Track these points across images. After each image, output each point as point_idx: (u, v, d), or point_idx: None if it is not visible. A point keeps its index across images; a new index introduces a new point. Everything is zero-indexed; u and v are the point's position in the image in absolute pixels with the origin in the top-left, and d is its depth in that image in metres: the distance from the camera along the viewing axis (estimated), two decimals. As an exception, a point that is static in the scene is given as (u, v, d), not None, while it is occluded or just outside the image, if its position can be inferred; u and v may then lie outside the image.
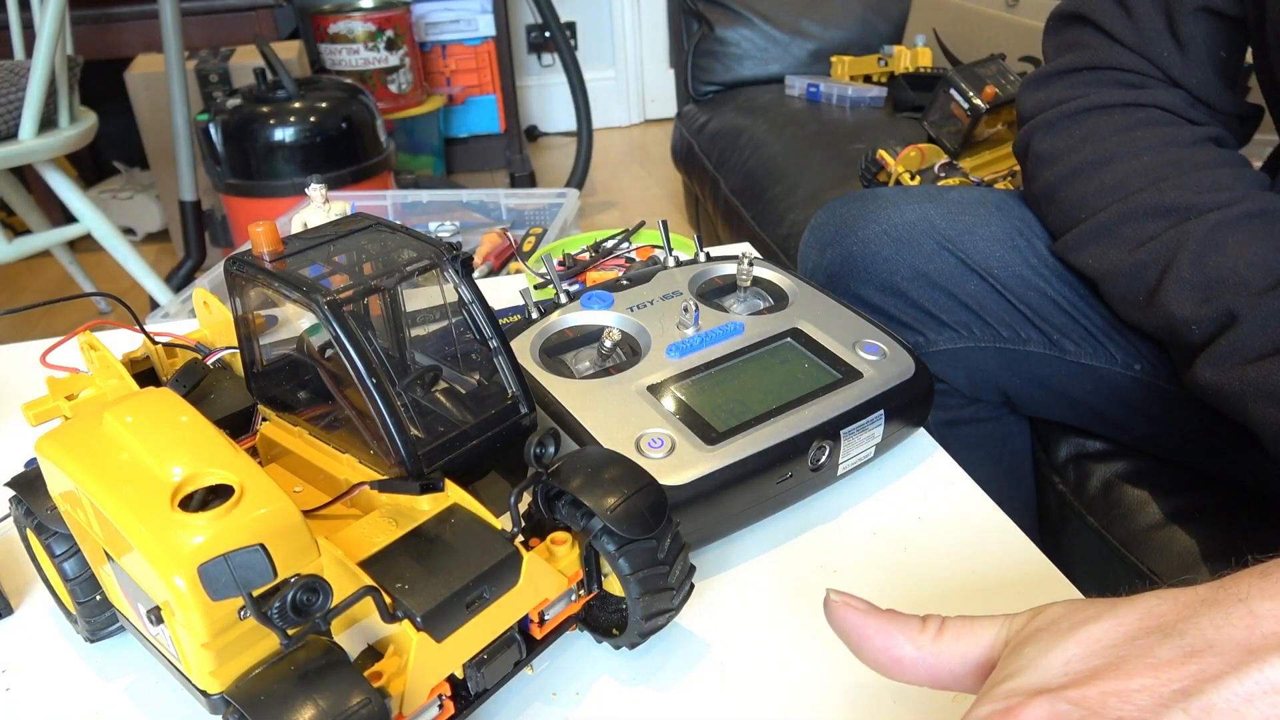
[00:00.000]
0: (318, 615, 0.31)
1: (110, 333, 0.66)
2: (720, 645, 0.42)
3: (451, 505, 0.37)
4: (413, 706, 0.33)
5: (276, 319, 0.42)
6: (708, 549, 0.47)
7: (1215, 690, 0.26)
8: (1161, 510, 0.69)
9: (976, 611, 0.43)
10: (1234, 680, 0.26)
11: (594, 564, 0.39)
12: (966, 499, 0.51)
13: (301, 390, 0.42)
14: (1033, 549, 0.47)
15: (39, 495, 0.38)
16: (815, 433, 0.47)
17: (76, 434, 0.35)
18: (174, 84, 1.85)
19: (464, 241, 1.26)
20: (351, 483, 0.38)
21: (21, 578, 0.46)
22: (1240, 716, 0.25)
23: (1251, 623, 0.27)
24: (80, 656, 0.42)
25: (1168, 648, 0.27)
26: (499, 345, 0.40)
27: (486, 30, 2.73)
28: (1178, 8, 0.63)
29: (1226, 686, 0.26)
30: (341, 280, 0.37)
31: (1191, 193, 0.60)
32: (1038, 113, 0.69)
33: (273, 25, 2.30)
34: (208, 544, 0.30)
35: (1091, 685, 0.27)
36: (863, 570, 0.46)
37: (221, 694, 0.32)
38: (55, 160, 1.63)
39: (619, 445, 0.45)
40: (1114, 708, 0.26)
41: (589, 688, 0.40)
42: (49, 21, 1.46)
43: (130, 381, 0.43)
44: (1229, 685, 0.26)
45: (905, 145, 1.12)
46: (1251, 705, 0.25)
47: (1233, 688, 0.25)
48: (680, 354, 0.51)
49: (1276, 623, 0.26)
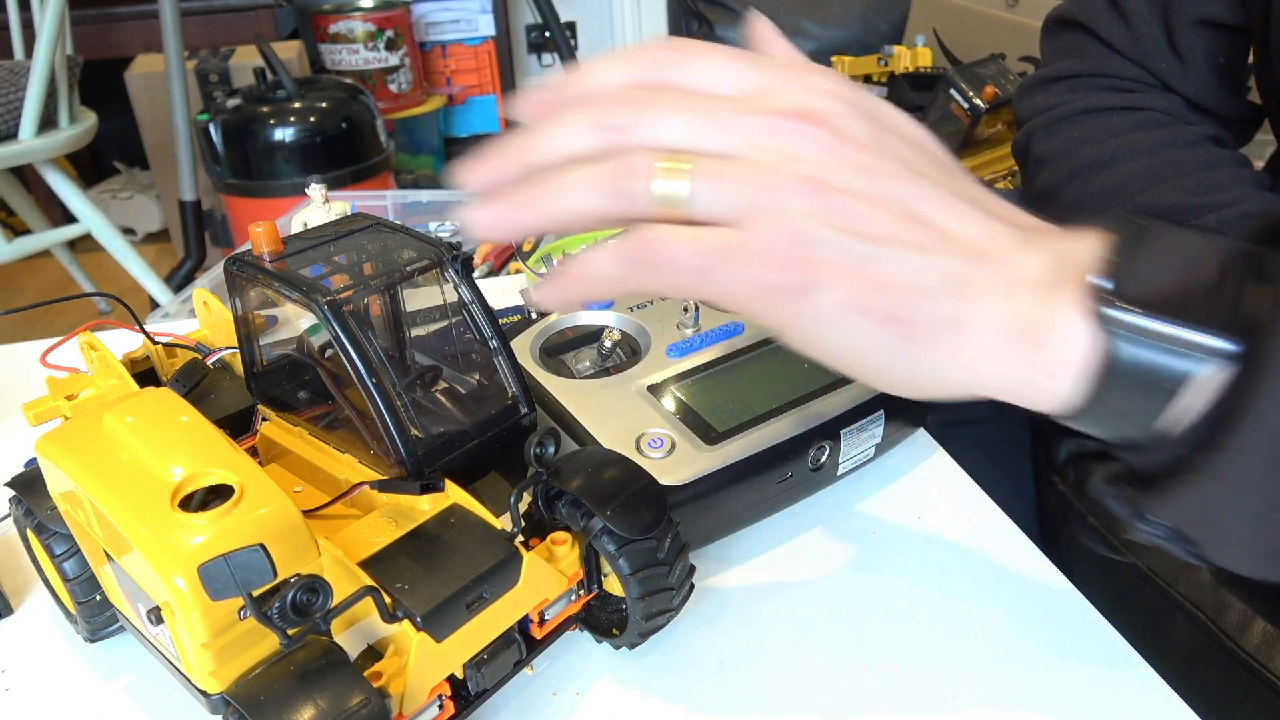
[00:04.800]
0: (318, 615, 0.31)
1: (110, 333, 0.66)
2: (720, 645, 0.42)
3: (451, 505, 0.37)
4: (413, 706, 0.33)
5: (276, 319, 0.42)
6: (708, 549, 0.47)
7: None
8: (1161, 510, 0.69)
9: (977, 613, 0.43)
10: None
11: (594, 564, 0.39)
12: (966, 499, 0.51)
13: (301, 390, 0.42)
14: (1033, 549, 0.47)
15: (39, 495, 0.38)
16: (815, 433, 0.47)
17: (76, 434, 0.35)
18: (174, 84, 1.85)
19: (464, 241, 1.26)
20: (351, 483, 0.38)
21: (21, 578, 0.46)
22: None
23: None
24: (80, 656, 0.42)
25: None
26: (499, 345, 0.40)
27: (486, 30, 2.73)
28: (1176, 19, 0.63)
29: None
30: (341, 280, 0.37)
31: (1191, 194, 0.60)
32: (1035, 116, 0.69)
33: (273, 25, 2.31)
34: (208, 544, 0.30)
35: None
36: (863, 570, 0.46)
37: (221, 694, 0.32)
38: (55, 160, 1.63)
39: (619, 445, 0.45)
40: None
41: (589, 688, 0.40)
42: (49, 21, 1.46)
43: (130, 381, 0.43)
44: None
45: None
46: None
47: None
48: (680, 354, 0.51)
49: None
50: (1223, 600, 0.54)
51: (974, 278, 0.28)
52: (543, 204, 0.29)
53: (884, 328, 0.28)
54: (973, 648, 0.41)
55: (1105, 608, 0.43)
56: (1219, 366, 0.26)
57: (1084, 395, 0.28)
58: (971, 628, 0.43)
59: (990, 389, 0.29)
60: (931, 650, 0.41)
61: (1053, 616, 0.43)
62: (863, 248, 0.27)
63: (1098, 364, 0.27)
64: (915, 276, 0.28)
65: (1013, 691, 0.39)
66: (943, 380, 0.29)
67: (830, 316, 0.28)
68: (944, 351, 0.28)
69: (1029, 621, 0.43)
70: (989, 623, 0.43)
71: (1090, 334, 0.27)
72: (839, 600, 0.44)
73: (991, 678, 0.40)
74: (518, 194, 0.29)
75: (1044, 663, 0.41)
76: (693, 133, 0.28)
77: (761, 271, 0.27)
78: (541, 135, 0.29)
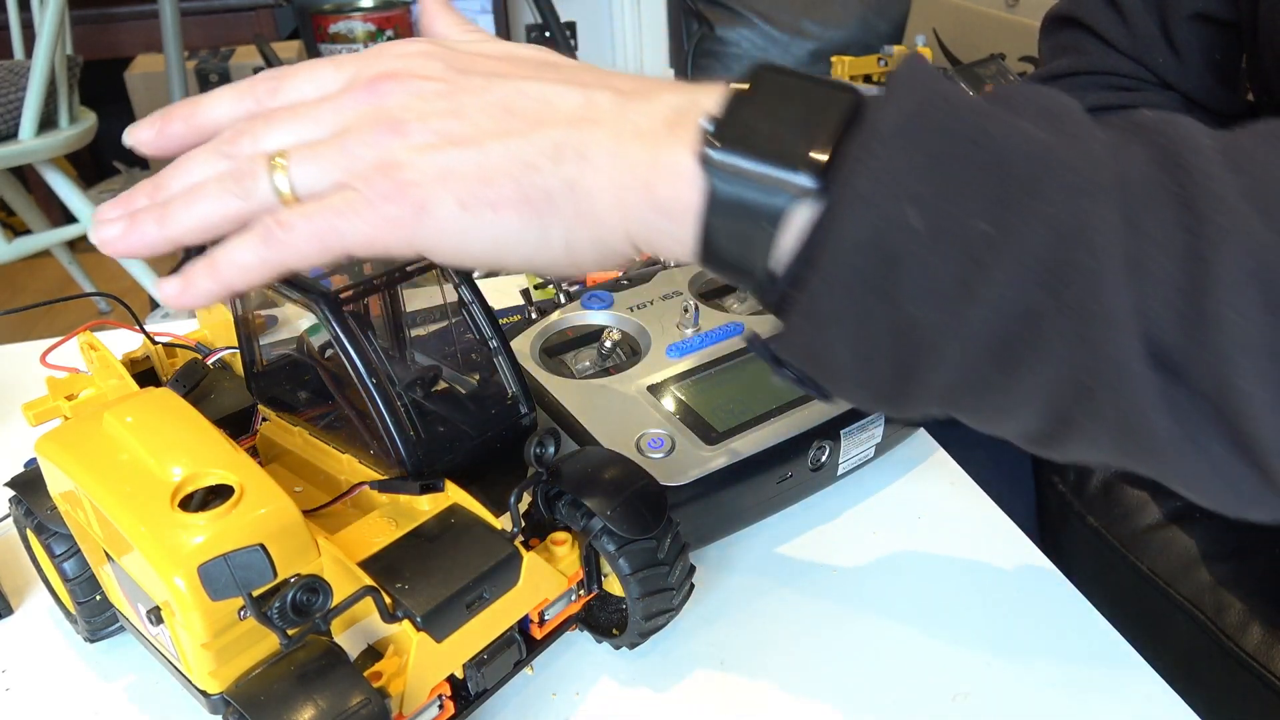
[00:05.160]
0: (318, 615, 0.31)
1: (110, 333, 0.66)
2: (720, 645, 0.42)
3: (451, 505, 0.37)
4: (413, 706, 0.33)
5: (276, 319, 0.42)
6: (708, 549, 0.47)
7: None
8: (1161, 510, 0.69)
9: (977, 613, 0.43)
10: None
11: (594, 564, 0.39)
12: (966, 499, 0.51)
13: (301, 390, 0.42)
14: (1033, 549, 0.47)
15: (39, 495, 0.38)
16: (815, 433, 0.47)
17: (76, 434, 0.35)
18: (174, 84, 1.85)
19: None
20: (351, 483, 0.38)
21: (21, 578, 0.46)
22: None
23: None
24: (80, 656, 0.42)
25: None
26: (499, 345, 0.40)
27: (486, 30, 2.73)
28: (1172, 13, 0.63)
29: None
30: (341, 280, 0.37)
31: None
32: None
33: (273, 25, 2.31)
34: (208, 544, 0.30)
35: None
36: (863, 570, 0.46)
37: (221, 694, 0.32)
38: (55, 160, 1.63)
39: (619, 445, 0.45)
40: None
41: (589, 688, 0.40)
42: (49, 21, 1.46)
43: (130, 381, 0.43)
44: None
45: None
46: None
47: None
48: (680, 354, 0.51)
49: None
50: (1223, 600, 0.54)
51: (583, 140, 0.30)
52: (173, 214, 0.31)
53: (513, 212, 0.30)
54: (973, 648, 0.41)
55: (1105, 608, 0.43)
56: (806, 204, 0.28)
57: (699, 237, 0.30)
58: (971, 628, 0.43)
59: (637, 241, 0.31)
60: (931, 650, 0.41)
61: (1053, 616, 0.43)
62: (454, 154, 0.30)
63: (702, 203, 0.29)
64: (521, 157, 0.30)
65: (1013, 691, 0.39)
66: (592, 243, 0.31)
67: (456, 224, 0.30)
68: (576, 214, 0.30)
69: (1029, 621, 0.43)
70: (989, 623, 0.43)
71: (696, 174, 0.29)
72: (839, 600, 0.44)
73: (991, 677, 0.40)
74: (151, 209, 0.32)
75: (1044, 663, 0.41)
76: (297, 131, 0.32)
77: (375, 212, 0.30)
78: (173, 171, 0.33)
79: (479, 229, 0.30)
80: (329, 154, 0.31)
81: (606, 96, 0.31)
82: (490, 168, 0.30)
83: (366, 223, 0.30)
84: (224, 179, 0.31)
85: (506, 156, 0.30)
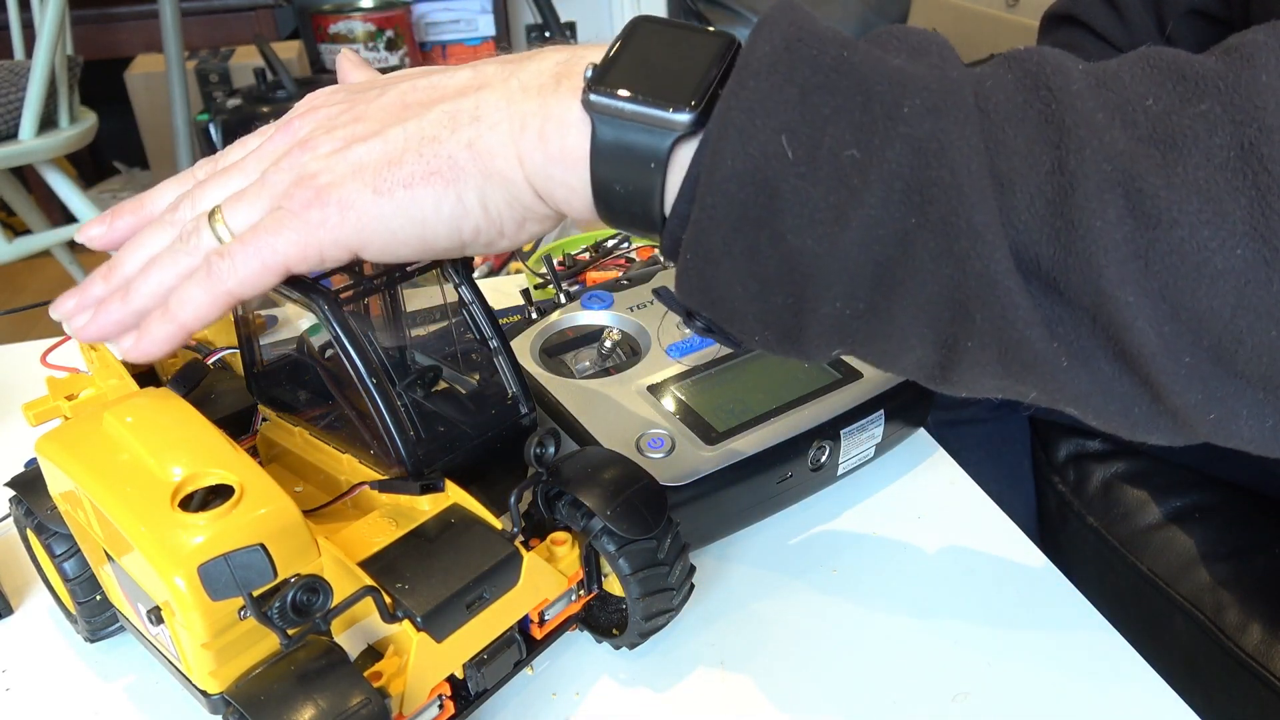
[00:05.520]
0: (318, 615, 0.31)
1: (110, 333, 0.66)
2: (720, 645, 0.42)
3: (451, 505, 0.37)
4: (413, 706, 0.33)
5: (276, 319, 0.42)
6: (708, 549, 0.47)
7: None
8: (1161, 510, 0.69)
9: (977, 613, 0.43)
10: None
11: (594, 564, 0.39)
12: (966, 499, 0.51)
13: (301, 390, 0.42)
14: (1033, 549, 0.47)
15: (39, 495, 0.38)
16: (815, 433, 0.47)
17: (76, 434, 0.35)
18: (174, 84, 1.85)
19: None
20: (351, 483, 0.38)
21: (21, 578, 0.46)
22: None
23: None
24: (80, 656, 0.42)
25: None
26: (499, 345, 0.40)
27: (486, 30, 2.73)
28: (1168, 10, 0.64)
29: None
30: (341, 280, 0.37)
31: None
32: None
33: (273, 25, 2.31)
34: (208, 544, 0.30)
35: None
36: (863, 570, 0.46)
37: (221, 694, 0.32)
38: (55, 160, 1.63)
39: (619, 445, 0.45)
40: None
41: (589, 688, 0.40)
42: (49, 21, 1.46)
43: (130, 381, 0.43)
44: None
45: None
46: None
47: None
48: (680, 354, 0.51)
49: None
50: (1222, 600, 0.54)
51: (475, 103, 0.32)
52: (134, 288, 0.34)
53: (424, 186, 0.31)
54: (973, 647, 0.41)
55: (1105, 608, 0.43)
56: (687, 144, 0.29)
57: (591, 184, 0.30)
58: (971, 628, 0.43)
59: (542, 194, 0.32)
60: (931, 650, 0.41)
61: (1053, 616, 0.43)
62: (360, 149, 0.32)
63: (590, 149, 0.30)
64: (420, 133, 0.32)
65: (1013, 691, 0.39)
66: (508, 203, 0.32)
67: (377, 210, 0.32)
68: (481, 173, 0.31)
69: (1029, 621, 0.43)
70: (989, 623, 0.43)
71: (582, 120, 0.30)
72: (839, 600, 0.44)
73: (991, 677, 0.40)
74: (116, 294, 0.35)
75: (1044, 663, 0.41)
76: (228, 186, 0.35)
77: (300, 220, 0.32)
78: (125, 252, 0.36)
79: (399, 211, 0.32)
80: (256, 190, 0.33)
81: (494, 66, 0.33)
82: (394, 150, 0.32)
83: (296, 232, 0.32)
84: (173, 245, 0.34)
85: (407, 136, 0.32)
